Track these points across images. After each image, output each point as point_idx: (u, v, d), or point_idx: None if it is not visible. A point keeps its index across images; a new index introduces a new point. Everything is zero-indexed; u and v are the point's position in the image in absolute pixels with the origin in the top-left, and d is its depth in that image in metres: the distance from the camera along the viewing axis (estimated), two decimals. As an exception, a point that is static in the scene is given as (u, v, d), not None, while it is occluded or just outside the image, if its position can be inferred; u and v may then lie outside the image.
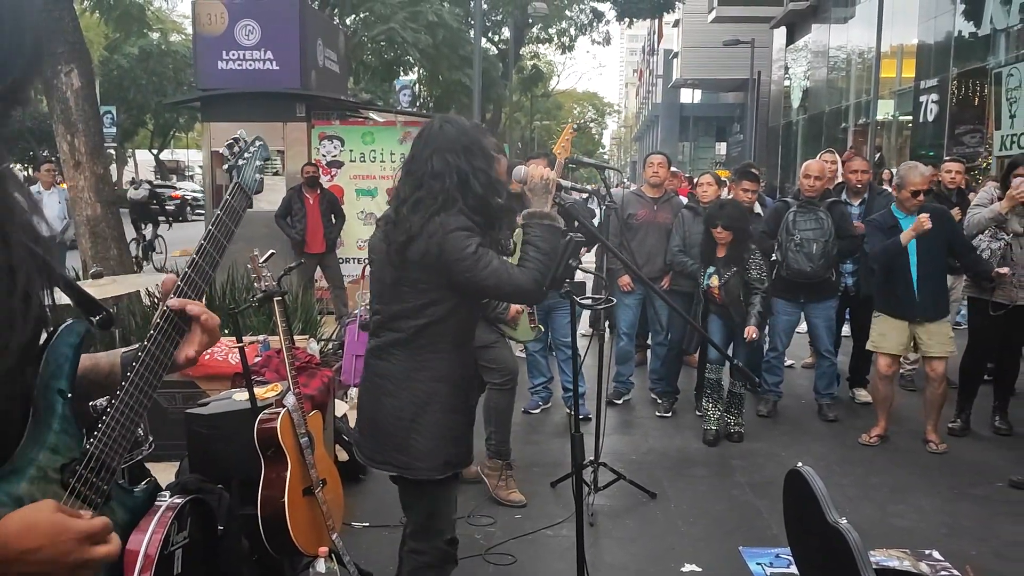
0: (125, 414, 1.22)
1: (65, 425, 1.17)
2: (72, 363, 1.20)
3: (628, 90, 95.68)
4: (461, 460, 2.62)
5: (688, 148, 49.29)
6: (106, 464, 1.20)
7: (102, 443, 1.19)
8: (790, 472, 2.90)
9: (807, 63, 29.06)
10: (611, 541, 4.02)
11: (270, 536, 3.12)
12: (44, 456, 1.14)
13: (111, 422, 1.21)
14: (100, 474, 1.19)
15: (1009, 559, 3.85)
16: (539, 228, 2.51)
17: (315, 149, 9.66)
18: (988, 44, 15.50)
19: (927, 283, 5.21)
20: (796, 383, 6.86)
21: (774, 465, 4.97)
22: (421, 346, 2.52)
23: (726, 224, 5.34)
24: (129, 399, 1.23)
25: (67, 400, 1.18)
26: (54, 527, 1.06)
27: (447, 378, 2.55)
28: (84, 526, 1.09)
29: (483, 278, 2.41)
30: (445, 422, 2.54)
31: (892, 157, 19.89)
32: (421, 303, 2.49)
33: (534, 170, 2.61)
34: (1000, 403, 5.70)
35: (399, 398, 2.53)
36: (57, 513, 1.07)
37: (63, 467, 1.16)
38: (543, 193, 2.57)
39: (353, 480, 4.48)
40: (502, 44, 25.80)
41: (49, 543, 1.05)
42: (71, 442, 1.18)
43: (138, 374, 1.24)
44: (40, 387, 1.16)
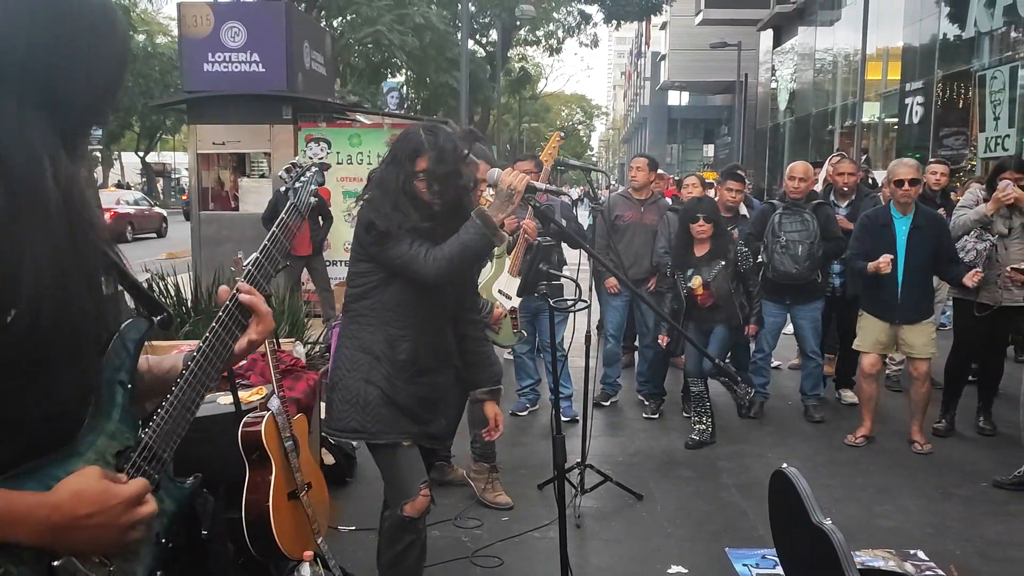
0: (178, 408, 1.30)
1: (123, 414, 1.26)
2: (134, 357, 1.29)
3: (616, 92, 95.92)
4: (372, 431, 2.74)
5: (676, 150, 49.45)
6: (157, 454, 1.27)
7: (155, 433, 1.27)
8: (775, 473, 2.90)
9: (794, 65, 29.20)
10: (598, 543, 4.02)
11: (255, 540, 3.10)
12: (102, 441, 1.22)
13: (164, 415, 1.29)
14: (152, 463, 1.26)
15: (993, 559, 3.87)
16: (471, 226, 2.60)
17: (302, 151, 9.62)
18: (972, 47, 15.61)
19: (911, 287, 5.23)
20: (782, 384, 6.88)
21: (760, 466, 4.98)
22: (352, 316, 2.80)
23: (708, 216, 5.34)
24: (182, 394, 1.31)
25: (127, 391, 1.27)
26: (102, 493, 1.14)
27: (369, 350, 2.73)
28: (127, 490, 1.17)
29: (390, 256, 2.65)
30: (359, 389, 2.72)
31: (878, 159, 20.01)
32: (354, 271, 2.79)
33: (505, 177, 2.62)
34: (984, 404, 5.74)
35: (337, 362, 2.82)
36: (103, 479, 1.15)
37: (118, 453, 1.24)
38: (506, 200, 2.61)
39: (339, 483, 4.47)
40: (490, 46, 25.81)
41: (99, 509, 1.13)
42: (127, 431, 1.26)
43: (192, 372, 1.33)
44: (104, 378, 1.24)
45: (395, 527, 2.83)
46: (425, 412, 2.82)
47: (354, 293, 2.79)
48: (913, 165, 5.27)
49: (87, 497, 1.12)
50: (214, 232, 9.44)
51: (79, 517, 1.11)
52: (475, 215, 2.62)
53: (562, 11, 27.05)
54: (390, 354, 2.73)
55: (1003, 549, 3.97)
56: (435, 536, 3.98)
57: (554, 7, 26.48)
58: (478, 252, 2.66)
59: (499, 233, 2.62)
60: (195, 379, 1.33)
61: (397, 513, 2.80)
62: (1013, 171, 5.42)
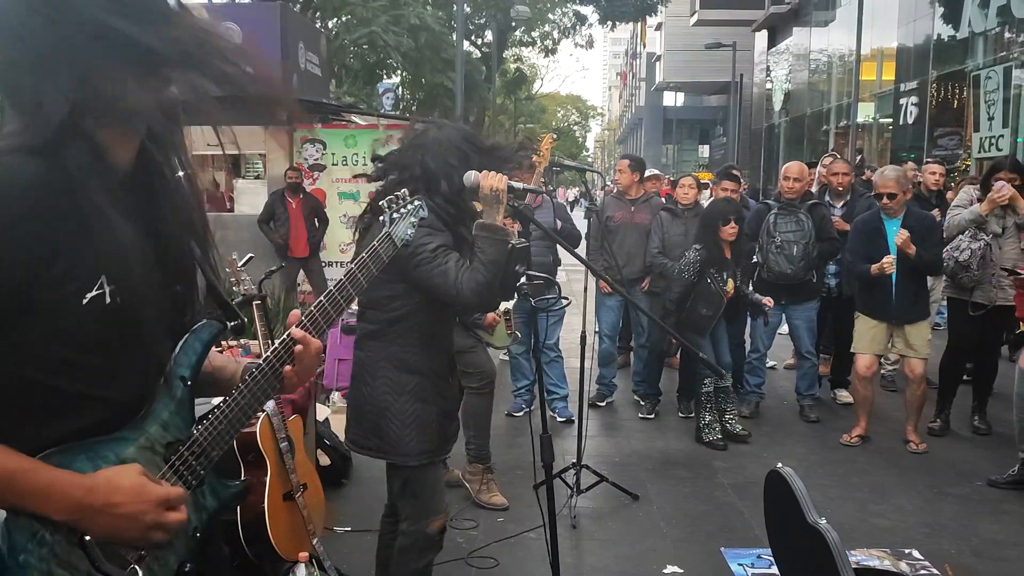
0: (234, 411, 1.35)
1: (180, 408, 1.31)
2: (200, 356, 1.34)
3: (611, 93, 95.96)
4: (434, 448, 2.72)
5: (672, 151, 49.50)
6: (207, 452, 1.33)
7: (207, 432, 1.33)
8: (770, 473, 2.91)
9: (788, 66, 29.23)
10: (593, 543, 4.02)
11: (250, 542, 3.10)
12: (155, 430, 1.28)
13: (220, 415, 1.34)
14: (199, 458, 1.32)
15: (988, 557, 3.88)
16: (486, 242, 2.53)
17: (297, 152, 9.61)
18: (966, 47, 15.64)
19: (905, 287, 5.24)
20: (778, 384, 6.89)
21: (756, 466, 4.99)
22: (391, 339, 2.68)
23: (737, 216, 5.38)
24: (241, 399, 1.35)
25: (187, 387, 1.32)
26: (137, 488, 1.20)
27: (416, 370, 2.68)
28: (162, 492, 1.22)
29: (432, 276, 2.55)
30: (415, 411, 2.67)
31: (873, 159, 20.03)
32: (387, 295, 2.64)
33: (484, 179, 2.55)
34: (979, 403, 5.75)
35: (373, 387, 2.68)
36: (141, 476, 1.21)
37: (169, 444, 1.29)
38: (494, 203, 2.55)
39: (335, 485, 4.47)
40: (485, 47, 25.79)
41: (130, 500, 1.18)
42: (182, 424, 1.31)
43: (254, 379, 1.37)
44: (168, 370, 1.31)
45: (422, 544, 2.78)
46: (455, 417, 2.87)
47: (390, 317, 2.66)
48: (894, 178, 5.25)
49: (123, 487, 1.18)
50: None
51: (109, 504, 1.17)
52: (479, 229, 2.54)
53: (557, 12, 27.04)
54: (434, 366, 2.72)
55: (998, 548, 3.98)
56: (431, 537, 3.99)
57: (549, 8, 26.48)
58: (502, 261, 2.54)
59: (509, 232, 2.57)
60: (256, 386, 1.37)
61: (425, 530, 2.76)
62: (1008, 171, 5.43)
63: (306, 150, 9.65)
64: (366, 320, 2.75)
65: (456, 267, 2.53)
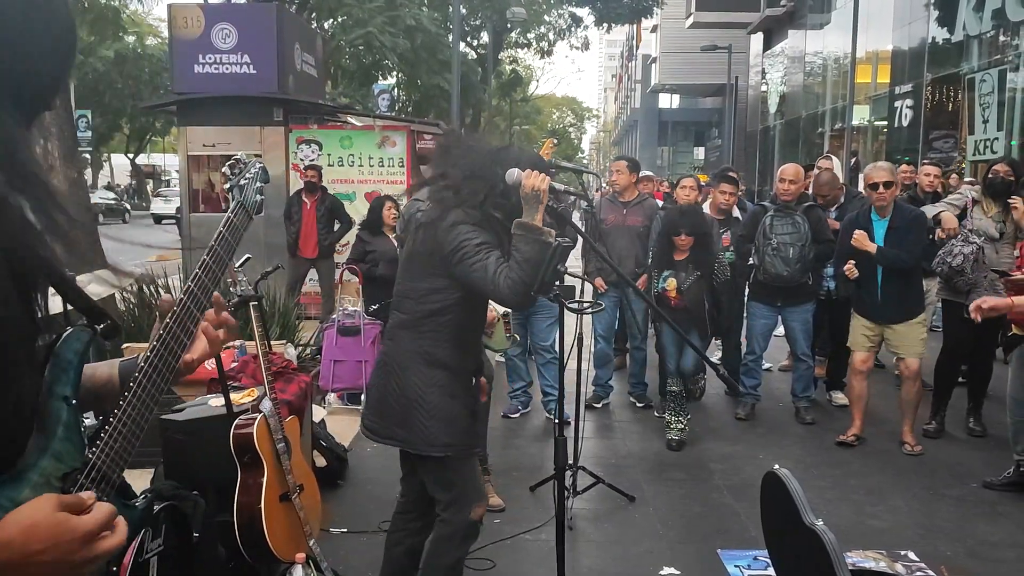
0: (127, 425, 1.21)
1: (69, 433, 1.16)
2: (77, 370, 1.19)
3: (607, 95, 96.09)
4: (460, 442, 2.76)
5: (667, 153, 49.54)
6: (107, 475, 1.18)
7: (104, 453, 1.18)
8: (767, 474, 2.91)
9: (784, 68, 29.30)
10: (590, 545, 4.02)
11: (247, 543, 3.09)
12: (47, 463, 1.12)
13: (113, 432, 1.19)
14: (100, 485, 1.17)
15: (983, 559, 3.88)
16: (523, 240, 2.56)
17: (293, 153, 9.61)
18: (961, 50, 15.70)
19: (891, 287, 5.25)
20: (773, 386, 6.89)
21: (752, 467, 4.99)
22: (423, 333, 2.73)
23: (689, 231, 5.34)
24: (131, 410, 1.22)
25: (71, 407, 1.17)
26: (56, 527, 1.03)
27: (445, 366, 2.72)
28: (88, 523, 1.06)
29: (472, 270, 2.59)
30: (444, 405, 2.71)
31: (868, 162, 20.08)
32: (427, 288, 2.72)
33: (528, 179, 2.58)
34: (974, 405, 5.76)
35: (403, 379, 2.73)
36: (58, 512, 1.04)
37: (64, 476, 1.14)
38: (534, 203, 2.59)
39: (330, 486, 4.46)
40: (481, 49, 25.81)
41: (52, 545, 1.02)
42: (74, 450, 1.16)
43: (140, 385, 1.23)
44: (45, 393, 1.15)
45: (464, 531, 2.85)
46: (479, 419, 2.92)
47: (430, 309, 2.72)
48: (887, 168, 5.29)
49: (40, 532, 1.02)
50: (204, 235, 9.35)
51: (31, 553, 1.01)
52: (517, 228, 2.58)
53: (553, 14, 27.08)
54: (463, 363, 2.78)
55: (993, 549, 3.98)
56: (427, 538, 3.98)
57: (545, 9, 26.51)
58: (539, 260, 2.56)
59: (547, 231, 2.58)
60: (145, 393, 1.23)
61: (467, 518, 2.82)
62: (1005, 164, 5.48)
63: (301, 150, 9.65)
64: (401, 310, 2.80)
65: (495, 263, 2.58)
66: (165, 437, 3.48)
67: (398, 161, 9.63)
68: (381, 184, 9.58)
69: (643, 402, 6.35)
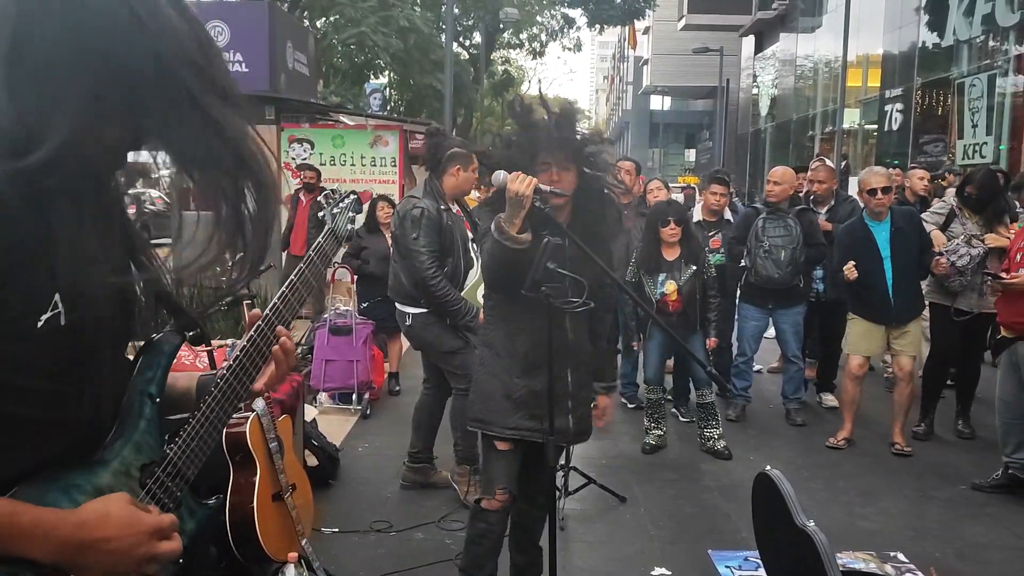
0: (205, 427, 1.29)
1: (150, 427, 1.24)
2: (164, 371, 1.29)
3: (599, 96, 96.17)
4: (491, 420, 2.89)
5: (658, 155, 49.64)
6: (182, 471, 1.26)
7: (181, 450, 1.26)
8: (759, 475, 2.92)
9: (775, 71, 29.42)
10: (581, 545, 4.02)
11: (239, 543, 3.08)
12: (128, 452, 1.21)
13: (191, 432, 1.27)
14: (175, 479, 1.25)
15: (971, 560, 3.91)
16: (491, 239, 2.67)
17: (284, 152, 9.59)
18: (951, 55, 15.79)
19: (902, 288, 5.28)
20: (764, 388, 6.92)
21: (742, 469, 5.01)
22: (486, 314, 3.02)
23: (678, 219, 5.30)
24: (210, 413, 1.29)
25: (155, 404, 1.26)
26: (127, 519, 1.12)
27: (492, 346, 2.93)
28: (154, 521, 1.15)
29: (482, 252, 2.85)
30: (485, 381, 2.92)
31: (858, 165, 20.18)
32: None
33: (512, 182, 2.59)
34: (963, 407, 5.80)
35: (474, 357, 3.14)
36: (130, 506, 1.13)
37: (143, 467, 1.22)
38: (516, 207, 2.60)
39: (323, 485, 4.45)
40: (473, 49, 25.80)
41: (121, 534, 1.10)
42: (154, 444, 1.25)
43: (221, 391, 1.31)
44: (132, 389, 1.24)
45: (472, 512, 3.04)
46: (540, 407, 2.83)
47: (485, 294, 3.02)
48: (884, 173, 5.31)
49: (113, 520, 1.10)
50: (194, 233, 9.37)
51: (100, 540, 1.09)
52: (494, 226, 2.67)
53: (545, 15, 27.10)
54: (510, 348, 2.89)
55: (982, 551, 4.01)
56: (418, 539, 3.99)
57: (537, 10, 26.52)
58: (504, 260, 2.69)
59: (514, 238, 2.63)
60: (224, 397, 1.31)
61: (479, 502, 2.99)
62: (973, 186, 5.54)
63: (293, 149, 9.63)
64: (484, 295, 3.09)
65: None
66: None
67: (390, 160, 9.63)
68: (373, 183, 9.57)
69: (634, 403, 6.36)
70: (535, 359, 2.81)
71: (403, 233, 4.26)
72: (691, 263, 5.31)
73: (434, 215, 4.18)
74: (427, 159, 4.55)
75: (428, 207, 4.19)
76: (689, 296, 5.30)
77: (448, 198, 4.33)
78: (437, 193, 4.29)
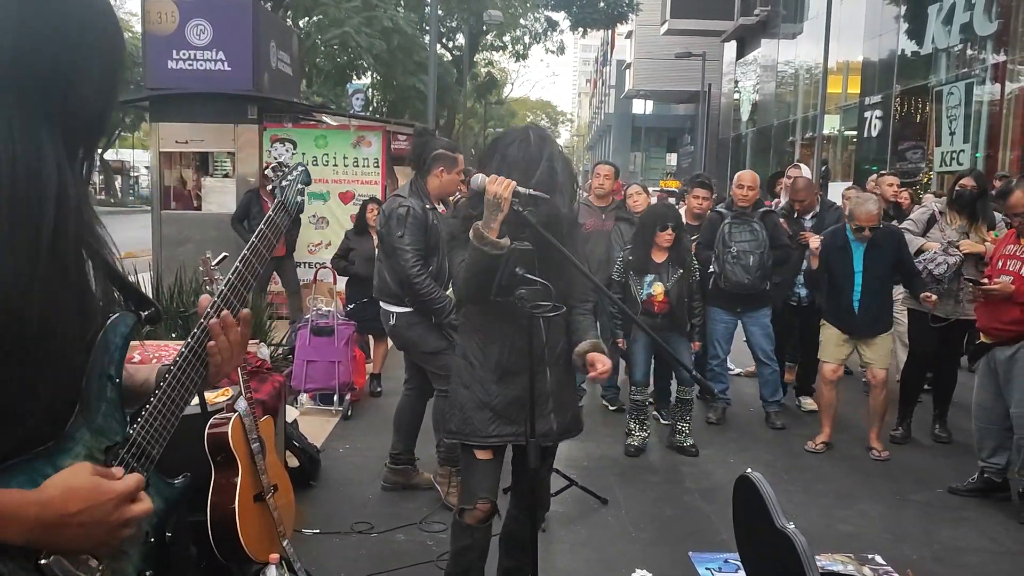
0: (167, 404, 1.29)
1: (111, 409, 1.24)
2: (122, 352, 1.26)
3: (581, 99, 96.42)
4: (470, 431, 2.85)
5: (640, 158, 49.83)
6: (146, 451, 1.26)
7: (144, 430, 1.26)
8: (740, 478, 2.94)
9: (756, 77, 29.63)
10: (563, 547, 4.03)
11: (219, 543, 3.06)
12: (90, 437, 1.20)
13: (153, 411, 1.28)
14: (140, 460, 1.25)
15: (948, 563, 3.96)
16: (470, 246, 2.62)
17: (267, 152, 9.53)
18: (930, 63, 15.97)
19: (869, 302, 5.33)
20: (743, 391, 6.96)
21: (723, 471, 5.04)
22: (458, 326, 3.01)
23: (676, 224, 5.35)
24: (172, 391, 1.30)
25: (115, 385, 1.25)
26: (93, 489, 1.11)
27: (465, 356, 2.89)
28: (120, 486, 1.14)
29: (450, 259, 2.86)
30: (457, 393, 2.90)
31: (837, 171, 20.37)
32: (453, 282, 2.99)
33: (491, 185, 2.57)
34: (940, 412, 5.86)
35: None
36: (93, 476, 1.12)
37: (107, 449, 1.22)
38: (494, 210, 2.58)
39: (304, 487, 4.43)
40: (456, 51, 25.81)
41: (90, 505, 1.10)
42: (116, 426, 1.24)
43: (181, 368, 1.32)
44: (91, 372, 1.21)
45: (453, 527, 2.98)
46: (519, 412, 2.81)
47: (457, 304, 3.03)
48: (876, 212, 5.30)
49: (77, 494, 1.10)
50: (175, 232, 9.30)
51: (69, 514, 1.08)
52: (470, 232, 2.63)
53: (529, 17, 27.15)
54: (482, 358, 2.85)
55: (958, 554, 4.06)
56: (400, 540, 3.98)
57: (521, 13, 26.57)
58: (485, 267, 2.62)
59: (493, 243, 2.59)
60: (185, 376, 1.32)
61: (457, 516, 2.93)
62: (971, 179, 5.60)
63: (276, 149, 9.58)
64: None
65: (461, 258, 2.74)
66: (137, 436, 3.44)
67: (373, 161, 9.60)
68: (355, 184, 9.55)
69: (615, 405, 6.39)
70: (509, 366, 2.81)
71: (388, 231, 4.25)
72: (679, 266, 5.34)
73: (420, 214, 4.18)
74: (413, 159, 4.55)
75: (414, 206, 4.19)
76: (677, 299, 5.33)
77: (433, 198, 4.34)
78: (423, 192, 4.29)
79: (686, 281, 5.38)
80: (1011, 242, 4.60)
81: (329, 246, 9.04)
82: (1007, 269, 4.51)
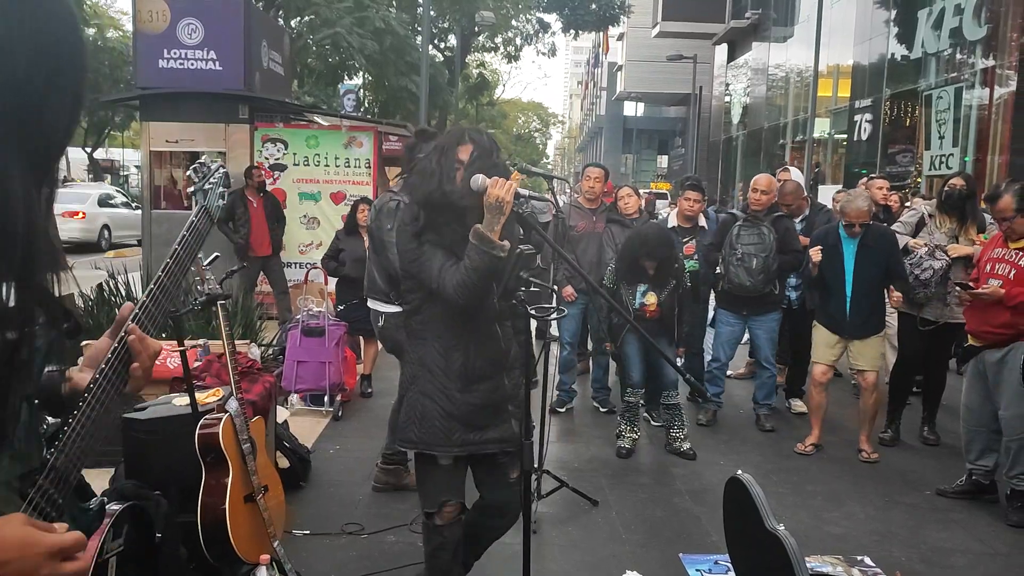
0: (86, 427, 1.22)
1: (28, 433, 1.16)
2: (40, 368, 1.18)
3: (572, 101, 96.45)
4: (431, 441, 2.79)
5: (631, 160, 49.91)
6: (64, 477, 1.19)
7: (62, 455, 1.18)
8: (730, 480, 2.96)
9: (747, 80, 29.68)
10: (554, 548, 4.04)
11: (210, 544, 3.06)
12: (6, 463, 1.12)
13: (71, 434, 1.20)
14: (58, 486, 1.18)
15: (936, 564, 3.98)
16: (474, 250, 2.57)
17: (258, 151, 9.52)
18: (919, 67, 16.03)
19: (859, 303, 5.36)
20: (734, 393, 6.98)
21: (713, 473, 5.06)
22: (412, 333, 2.87)
23: (655, 261, 5.25)
24: (91, 411, 1.23)
25: (31, 406, 1.17)
26: (23, 541, 1.05)
27: (424, 364, 2.80)
28: (54, 541, 1.08)
29: (422, 267, 2.69)
30: (416, 402, 2.81)
31: (828, 174, 20.45)
32: (407, 288, 2.84)
33: (493, 188, 2.55)
34: (928, 415, 5.89)
35: (402, 375, 2.94)
36: (26, 527, 1.07)
37: (23, 476, 1.14)
38: (496, 213, 2.56)
39: (294, 487, 4.43)
40: (448, 52, 25.81)
41: (18, 556, 1.04)
42: (33, 451, 1.17)
43: (100, 387, 1.25)
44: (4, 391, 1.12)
45: (425, 529, 3.00)
46: (482, 419, 2.80)
47: (408, 310, 2.88)
48: (866, 209, 5.33)
49: (7, 543, 1.04)
50: (165, 231, 9.27)
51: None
52: (473, 235, 2.57)
53: (521, 19, 27.18)
54: (444, 366, 2.77)
55: (946, 556, 4.08)
56: (390, 541, 3.98)
57: (513, 14, 26.59)
58: (488, 270, 2.58)
59: (500, 246, 2.57)
60: (104, 394, 1.26)
61: (427, 519, 2.95)
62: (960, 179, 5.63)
63: (267, 149, 9.56)
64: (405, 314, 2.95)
65: (441, 261, 2.65)
66: (126, 436, 3.44)
67: (364, 162, 9.58)
68: (347, 184, 9.54)
69: (606, 407, 6.40)
70: (472, 373, 2.77)
71: (379, 226, 4.24)
72: (671, 278, 5.36)
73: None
74: (406, 157, 4.54)
75: (406, 200, 4.17)
76: (668, 308, 5.37)
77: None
78: None
79: (677, 292, 5.40)
80: (999, 245, 4.63)
81: (320, 246, 9.02)
82: (995, 272, 4.53)
